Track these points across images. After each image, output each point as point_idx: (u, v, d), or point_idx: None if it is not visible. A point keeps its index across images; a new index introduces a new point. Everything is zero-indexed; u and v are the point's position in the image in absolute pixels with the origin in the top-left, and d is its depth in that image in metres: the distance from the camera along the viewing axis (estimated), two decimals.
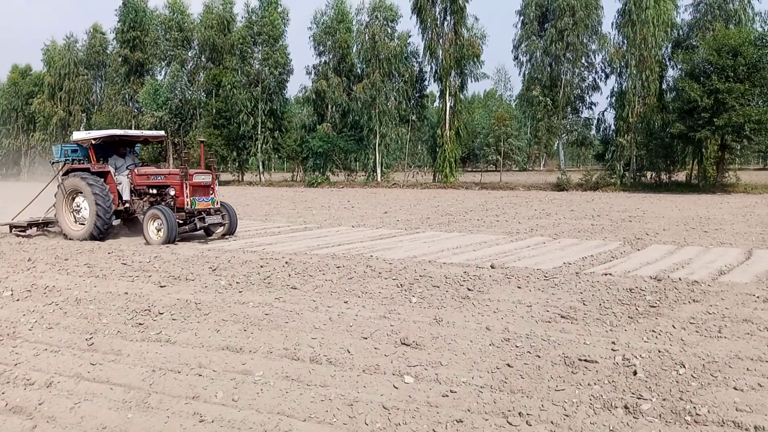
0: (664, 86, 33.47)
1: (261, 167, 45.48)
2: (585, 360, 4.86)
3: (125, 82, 50.48)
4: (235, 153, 44.69)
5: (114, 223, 13.30)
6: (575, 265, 9.25)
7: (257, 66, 43.41)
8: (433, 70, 39.09)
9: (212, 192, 12.95)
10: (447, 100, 38.15)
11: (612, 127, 35.23)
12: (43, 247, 11.69)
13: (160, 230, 12.02)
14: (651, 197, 26.70)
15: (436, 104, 44.33)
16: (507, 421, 3.91)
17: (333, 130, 41.09)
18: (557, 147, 41.32)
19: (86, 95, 56.07)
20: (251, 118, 43.38)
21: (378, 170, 40.32)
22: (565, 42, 35.70)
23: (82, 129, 49.51)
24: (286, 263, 9.37)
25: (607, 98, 35.67)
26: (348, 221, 16.78)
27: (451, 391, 4.36)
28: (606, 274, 8.38)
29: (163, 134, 15.80)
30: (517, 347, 5.23)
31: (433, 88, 43.61)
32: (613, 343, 5.27)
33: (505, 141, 52.68)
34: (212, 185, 12.98)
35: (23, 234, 13.68)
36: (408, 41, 40.44)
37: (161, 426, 3.98)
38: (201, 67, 48.32)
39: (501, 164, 49.80)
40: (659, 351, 5.07)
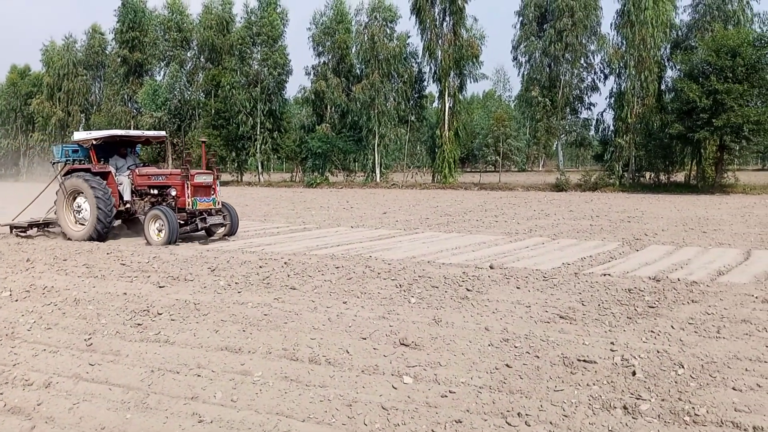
0: (663, 87, 33.54)
1: (260, 168, 45.47)
2: (584, 360, 4.87)
3: (124, 83, 50.46)
4: (234, 153, 44.72)
5: (115, 224, 13.28)
6: (574, 266, 9.25)
7: (256, 66, 43.42)
8: (432, 71, 39.15)
9: (213, 192, 12.88)
10: (446, 101, 38.17)
11: (611, 128, 35.28)
12: (42, 248, 11.68)
13: (161, 231, 11.98)
14: (650, 198, 26.72)
15: (435, 105, 44.45)
16: (506, 422, 3.91)
17: (332, 131, 41.09)
18: (556, 147, 41.35)
19: (85, 96, 56.07)
20: (250, 119, 43.40)
21: (377, 171, 40.32)
22: (564, 43, 35.73)
23: (81, 129, 49.44)
24: (285, 264, 9.37)
25: (606, 99, 35.83)
26: (347, 222, 16.78)
27: (450, 392, 4.36)
28: (605, 275, 8.38)
29: (165, 134, 15.75)
30: (516, 347, 5.23)
31: (432, 89, 43.76)
32: (612, 344, 5.27)
33: (504, 141, 52.73)
34: (213, 185, 12.92)
35: (24, 234, 13.65)
36: (407, 42, 40.50)
37: (160, 426, 3.98)
38: (200, 68, 48.32)
39: (500, 165, 49.86)
40: (658, 351, 5.07)
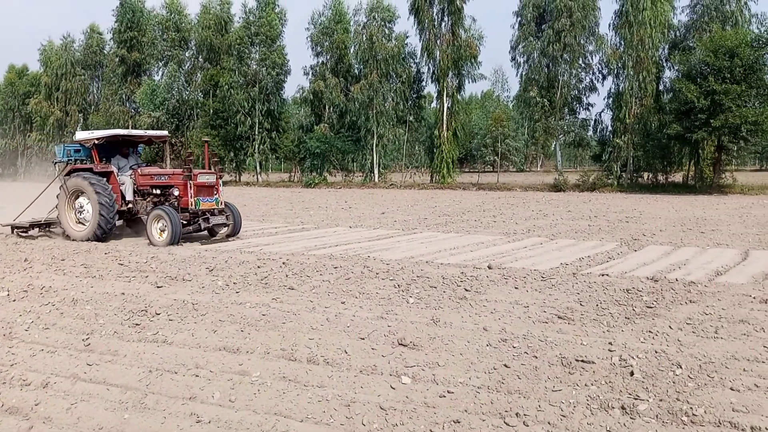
0: (661, 87, 33.58)
1: (258, 168, 45.44)
2: (582, 360, 4.87)
3: (122, 83, 50.37)
4: (233, 153, 44.68)
5: (117, 224, 13.22)
6: (572, 266, 9.26)
7: (255, 66, 43.41)
8: (431, 71, 39.15)
9: (217, 192, 12.79)
10: (444, 101, 38.18)
11: (609, 128, 35.30)
12: (40, 248, 11.66)
13: (164, 231, 11.89)
14: (648, 198, 26.75)
15: (434, 105, 44.44)
16: (504, 422, 3.91)
17: (330, 131, 41.08)
18: (554, 148, 41.41)
19: (83, 95, 55.93)
20: (248, 119, 43.40)
21: (375, 171, 40.32)
22: (563, 43, 35.76)
23: (79, 129, 49.37)
24: (284, 264, 9.36)
25: (604, 99, 35.82)
26: (345, 222, 16.78)
27: (449, 392, 4.36)
28: (603, 275, 8.39)
29: (167, 134, 15.71)
30: (514, 348, 5.24)
31: (431, 89, 43.82)
32: (610, 344, 5.27)
33: (503, 142, 52.85)
34: (216, 185, 12.83)
35: (25, 235, 13.57)
36: (405, 42, 40.52)
37: (158, 427, 3.98)
38: (198, 68, 48.27)
39: (498, 165, 49.97)
40: (656, 351, 5.07)
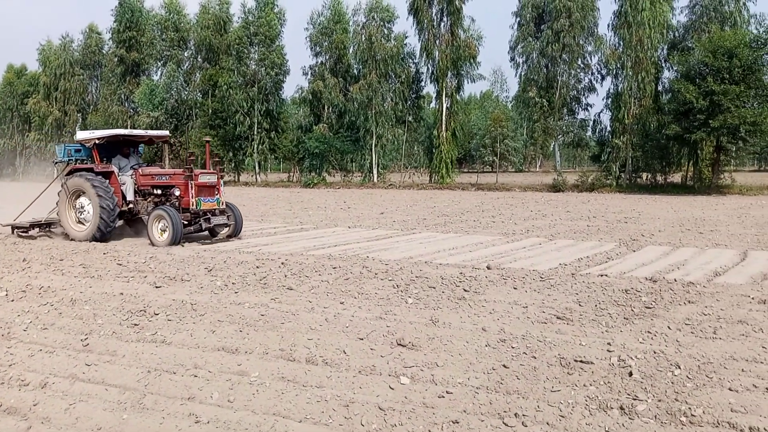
0: (660, 88, 33.61)
1: (257, 168, 45.42)
2: (581, 361, 4.87)
3: (121, 83, 50.32)
4: (232, 153, 44.66)
5: (117, 224, 13.18)
6: (571, 266, 9.26)
7: (253, 66, 43.39)
8: (430, 71, 39.14)
9: (218, 192, 12.74)
10: (443, 101, 38.19)
11: (608, 129, 35.33)
12: (38, 248, 11.65)
13: (165, 231, 11.84)
14: (646, 198, 26.77)
15: (433, 105, 44.46)
16: (503, 422, 3.91)
17: (329, 131, 41.08)
18: (553, 148, 41.44)
19: (82, 95, 55.85)
20: (247, 119, 43.39)
21: (374, 171, 40.32)
22: (562, 43, 35.79)
23: (78, 129, 49.34)
24: (282, 264, 9.36)
25: (603, 100, 35.82)
26: (344, 222, 16.78)
27: (447, 392, 4.36)
28: (602, 275, 8.40)
29: (168, 134, 15.67)
30: (513, 348, 5.24)
31: (430, 89, 43.81)
32: (609, 344, 5.28)
33: (502, 142, 52.81)
34: (218, 185, 12.78)
35: (26, 235, 13.51)
36: (404, 42, 40.52)
37: (156, 427, 3.97)
38: (197, 68, 48.24)
39: (497, 165, 49.93)
40: (655, 352, 5.08)
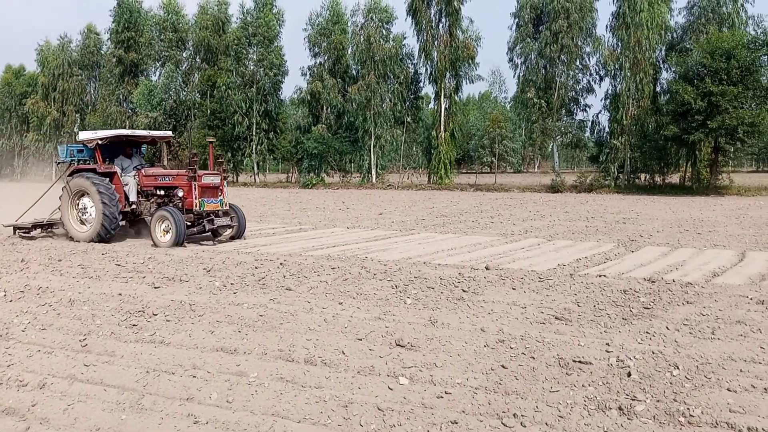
0: (658, 89, 33.66)
1: (256, 168, 45.40)
2: (579, 361, 4.88)
3: (119, 83, 50.27)
4: (230, 154, 44.62)
5: (120, 225, 13.15)
6: (569, 267, 9.27)
7: (252, 67, 43.38)
8: (428, 72, 39.18)
9: (221, 193, 12.67)
10: (442, 102, 38.21)
11: (606, 130, 35.43)
12: (37, 248, 11.63)
13: (168, 232, 11.79)
14: (645, 199, 26.80)
15: (431, 106, 44.51)
16: (501, 423, 3.92)
17: (328, 132, 41.10)
18: (552, 149, 41.54)
19: (80, 96, 55.77)
20: (246, 119, 43.37)
21: (373, 172, 40.33)
22: (560, 44, 35.89)
23: (77, 129, 49.29)
24: (281, 264, 9.35)
25: (602, 100, 35.95)
26: (343, 222, 16.77)
27: (446, 393, 4.36)
28: (600, 276, 8.40)
29: (171, 134, 15.61)
30: (512, 348, 5.24)
31: (428, 90, 43.79)
32: (608, 345, 5.28)
33: (500, 143, 52.89)
34: (221, 186, 12.71)
35: (27, 236, 13.45)
36: (403, 43, 40.58)
37: (155, 427, 3.97)
38: (196, 68, 48.21)
39: (496, 166, 49.99)
40: (653, 352, 5.08)
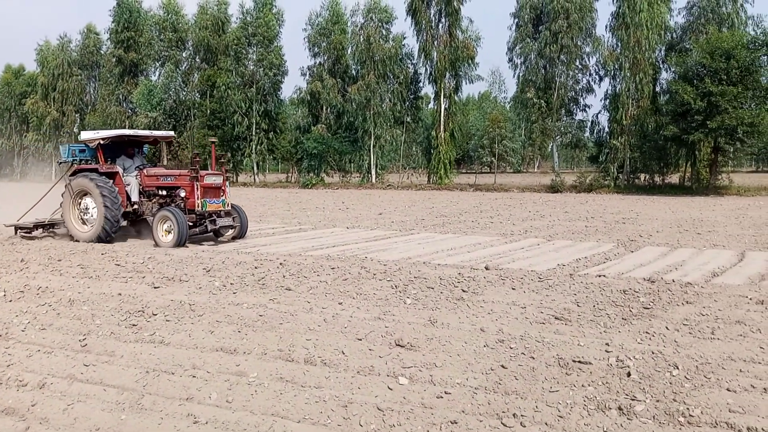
0: (658, 89, 33.67)
1: (255, 168, 45.39)
2: (579, 361, 4.88)
3: (119, 83, 50.23)
4: (230, 154, 44.59)
5: (122, 224, 13.11)
6: (569, 267, 9.27)
7: (252, 67, 43.35)
8: (428, 72, 39.17)
9: (223, 194, 12.66)
10: (442, 102, 38.21)
11: (606, 130, 35.43)
12: (36, 248, 11.63)
13: (170, 232, 11.78)
14: (644, 199, 26.80)
15: (431, 106, 44.52)
16: (501, 422, 3.92)
17: (327, 132, 41.10)
18: (551, 149, 41.57)
19: (80, 96, 55.71)
20: (246, 119, 43.36)
21: (372, 172, 40.33)
22: (560, 44, 35.90)
23: (76, 129, 49.30)
24: (281, 264, 9.36)
25: (601, 101, 35.97)
26: (342, 222, 16.77)
27: (446, 393, 4.36)
28: (600, 276, 8.41)
29: (173, 134, 15.58)
30: (512, 348, 5.24)
31: (428, 90, 43.79)
32: (607, 345, 5.28)
33: (500, 143, 52.88)
34: (223, 186, 12.70)
35: (29, 236, 13.43)
36: (403, 43, 40.57)
37: (155, 427, 3.97)
38: (195, 68, 48.16)
39: (495, 166, 49.96)
40: (653, 352, 5.08)
